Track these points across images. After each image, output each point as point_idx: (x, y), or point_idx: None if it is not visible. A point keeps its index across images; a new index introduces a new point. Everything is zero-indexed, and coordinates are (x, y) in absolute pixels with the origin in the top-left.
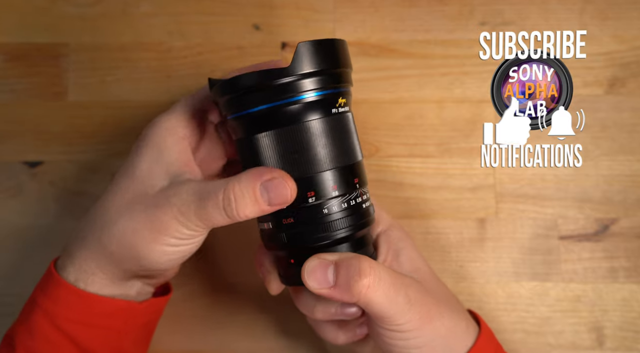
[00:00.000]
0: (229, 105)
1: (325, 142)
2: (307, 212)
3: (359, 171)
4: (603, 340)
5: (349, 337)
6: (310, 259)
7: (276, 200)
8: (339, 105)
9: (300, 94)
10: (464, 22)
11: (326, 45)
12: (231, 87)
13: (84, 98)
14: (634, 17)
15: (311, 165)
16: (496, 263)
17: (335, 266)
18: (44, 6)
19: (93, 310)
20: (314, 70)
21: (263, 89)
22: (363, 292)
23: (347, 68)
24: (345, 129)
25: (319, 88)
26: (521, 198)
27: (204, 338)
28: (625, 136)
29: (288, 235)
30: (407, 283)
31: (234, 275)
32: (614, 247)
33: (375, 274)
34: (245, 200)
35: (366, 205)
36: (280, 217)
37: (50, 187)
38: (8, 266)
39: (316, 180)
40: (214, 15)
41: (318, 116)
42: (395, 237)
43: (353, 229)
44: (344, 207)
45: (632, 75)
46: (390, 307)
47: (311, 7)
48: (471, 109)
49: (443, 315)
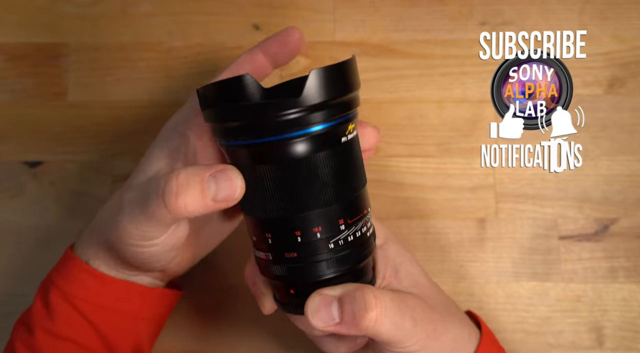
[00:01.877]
0: (218, 133)
1: (332, 174)
2: (312, 248)
3: (363, 198)
4: (603, 340)
5: (350, 348)
6: (312, 297)
7: (222, 193)
8: (348, 132)
9: (305, 127)
10: (464, 22)
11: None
12: (220, 118)
13: (84, 98)
14: (633, 17)
15: (318, 200)
16: (496, 263)
17: (339, 301)
18: (44, 6)
19: (107, 291)
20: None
21: (254, 125)
22: (371, 326)
23: (356, 91)
24: (351, 156)
25: (325, 120)
26: (521, 198)
27: (204, 338)
28: (625, 136)
29: (289, 269)
30: (412, 305)
31: (235, 276)
32: (614, 247)
33: (382, 305)
34: (189, 189)
35: (369, 234)
36: (282, 250)
37: (50, 187)
38: (8, 266)
39: (323, 215)
40: (214, 15)
41: (325, 148)
42: (393, 251)
43: (357, 262)
44: (350, 240)
45: (632, 75)
46: (398, 333)
47: (311, 7)
48: (471, 109)
49: (448, 329)
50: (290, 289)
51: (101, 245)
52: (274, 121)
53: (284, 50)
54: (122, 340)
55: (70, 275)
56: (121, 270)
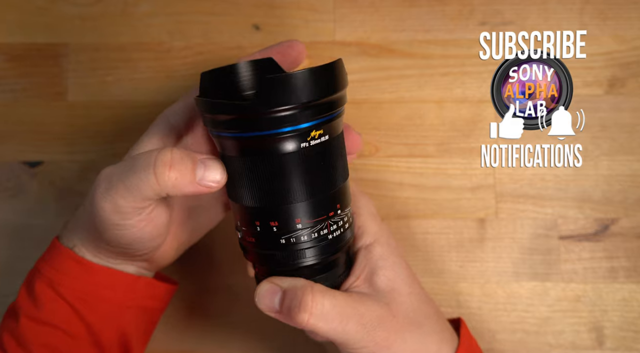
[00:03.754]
0: (206, 121)
1: (294, 175)
2: (267, 238)
3: (329, 201)
4: (603, 340)
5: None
6: (263, 282)
7: (207, 178)
8: (311, 138)
9: (271, 129)
10: (464, 22)
11: (303, 77)
12: (207, 109)
13: (84, 98)
14: (634, 17)
15: (277, 197)
16: (496, 263)
17: (282, 294)
18: (44, 6)
19: (92, 278)
20: (288, 107)
21: (235, 119)
22: (304, 323)
23: (333, 95)
24: (317, 161)
25: (291, 124)
26: (521, 198)
27: (202, 338)
28: (625, 136)
29: (251, 253)
30: (363, 311)
31: (232, 276)
32: (614, 247)
33: (317, 308)
34: (182, 165)
35: (334, 235)
36: (245, 234)
37: (50, 187)
38: (8, 266)
39: (281, 211)
40: (214, 15)
41: (288, 150)
42: (376, 254)
43: (314, 260)
44: (303, 239)
45: (632, 75)
46: (338, 335)
47: (311, 7)
48: (471, 109)
49: (405, 339)
50: (255, 267)
51: (86, 232)
52: (255, 118)
53: (284, 61)
54: (106, 327)
55: (56, 262)
56: (105, 258)
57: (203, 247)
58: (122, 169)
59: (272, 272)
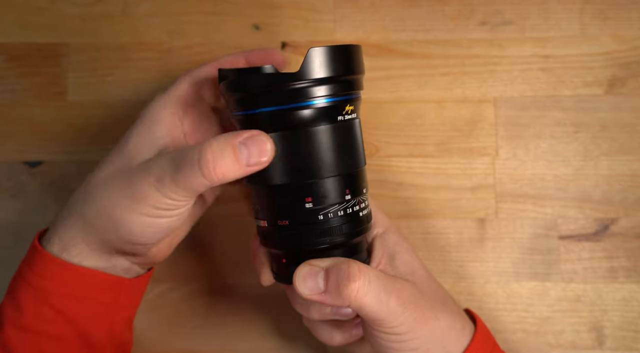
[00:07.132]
0: (237, 104)
1: (328, 149)
2: (302, 217)
3: (359, 179)
4: (603, 340)
5: (345, 338)
6: (301, 266)
7: (254, 158)
8: (345, 112)
9: (310, 99)
10: (464, 22)
11: (339, 52)
12: (240, 87)
13: (84, 98)
14: (634, 17)
15: (312, 171)
16: (496, 263)
17: (325, 272)
18: (44, 6)
19: (79, 281)
20: (326, 76)
21: (272, 92)
22: (353, 296)
23: (359, 74)
24: (350, 136)
25: (328, 95)
26: (521, 198)
27: (204, 338)
28: (625, 136)
29: (282, 237)
30: (400, 287)
31: (234, 276)
32: (614, 247)
33: (365, 277)
34: (224, 158)
35: (363, 213)
36: (276, 218)
37: (50, 187)
38: (8, 266)
39: (315, 186)
40: (214, 15)
41: (324, 123)
42: (391, 241)
43: (347, 237)
44: (340, 214)
45: (632, 75)
46: (383, 310)
47: (311, 7)
48: (471, 109)
49: (438, 317)
50: (283, 259)
51: (82, 227)
52: (280, 90)
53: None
54: (96, 327)
55: (38, 267)
56: (100, 254)
57: (203, 247)
58: (168, 166)
59: (304, 257)
